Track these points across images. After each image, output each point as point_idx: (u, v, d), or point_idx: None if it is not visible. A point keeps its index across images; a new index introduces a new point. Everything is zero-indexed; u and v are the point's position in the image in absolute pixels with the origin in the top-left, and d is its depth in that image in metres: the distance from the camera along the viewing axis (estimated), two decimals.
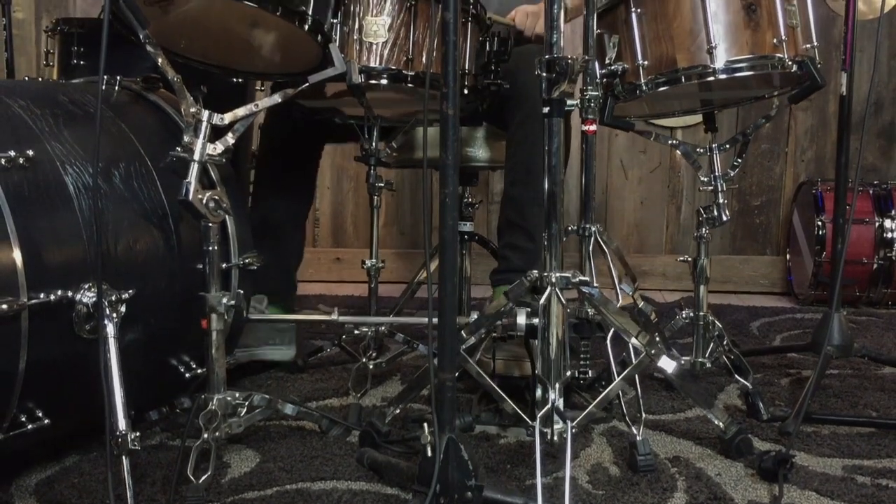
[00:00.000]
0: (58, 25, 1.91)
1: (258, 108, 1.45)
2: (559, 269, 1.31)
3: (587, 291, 1.40)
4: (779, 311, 2.90)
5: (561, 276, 1.31)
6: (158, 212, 1.44)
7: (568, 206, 3.13)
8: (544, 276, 1.31)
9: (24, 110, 1.33)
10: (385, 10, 1.62)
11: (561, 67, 1.25)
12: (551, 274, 1.31)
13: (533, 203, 1.86)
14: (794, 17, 1.63)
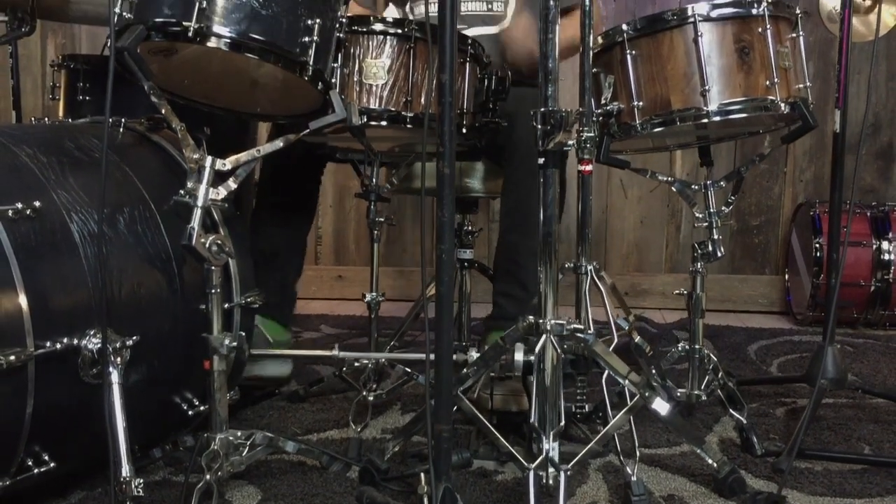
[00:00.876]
0: (64, 61, 1.95)
1: (260, 153, 1.48)
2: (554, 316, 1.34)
3: (582, 337, 1.42)
4: (777, 333, 2.93)
5: (556, 323, 1.33)
6: (162, 255, 1.47)
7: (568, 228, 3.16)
8: (539, 323, 1.34)
9: (31, 159, 1.37)
10: (384, 52, 1.65)
11: (556, 120, 1.27)
12: (546, 321, 1.33)
13: (528, 251, 1.89)
14: (786, 59, 1.66)
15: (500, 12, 2.20)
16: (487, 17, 2.21)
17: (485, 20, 2.21)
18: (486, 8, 2.20)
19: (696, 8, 1.62)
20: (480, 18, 2.21)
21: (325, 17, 1.43)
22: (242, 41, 1.34)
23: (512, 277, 1.99)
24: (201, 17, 1.31)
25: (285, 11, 1.37)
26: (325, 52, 1.44)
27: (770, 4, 1.63)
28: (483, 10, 2.21)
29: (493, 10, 2.20)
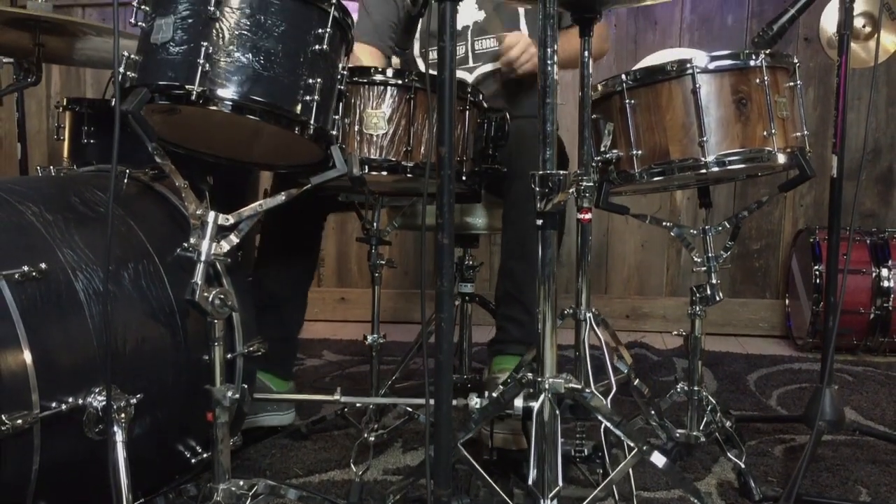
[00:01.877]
0: (69, 104, 1.97)
1: (262, 207, 1.50)
2: (553, 372, 1.36)
3: (581, 396, 1.44)
4: (777, 360, 2.94)
5: (554, 382, 1.35)
6: (165, 309, 1.49)
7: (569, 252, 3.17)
8: (538, 382, 1.36)
9: (37, 217, 1.38)
10: (385, 102, 1.67)
11: (554, 183, 1.29)
12: (545, 379, 1.35)
13: (529, 277, 1.91)
14: (783, 109, 1.67)
15: None
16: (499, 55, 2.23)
17: (496, 57, 2.24)
18: (498, 44, 2.23)
19: (694, 60, 1.63)
20: (493, 55, 2.25)
21: (326, 76, 1.45)
22: (244, 103, 1.35)
23: (515, 302, 2.01)
24: (204, 80, 1.33)
25: (287, 72, 1.39)
26: (326, 109, 1.46)
27: (767, 56, 1.64)
28: (495, 46, 2.24)
29: None
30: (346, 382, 2.65)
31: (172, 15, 1.37)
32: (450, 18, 1.11)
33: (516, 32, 2.13)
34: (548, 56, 1.26)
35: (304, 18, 1.42)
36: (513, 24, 2.25)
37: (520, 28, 2.25)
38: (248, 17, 1.37)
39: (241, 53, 1.36)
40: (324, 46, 1.43)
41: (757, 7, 3.34)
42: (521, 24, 2.26)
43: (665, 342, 3.28)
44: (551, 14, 1.25)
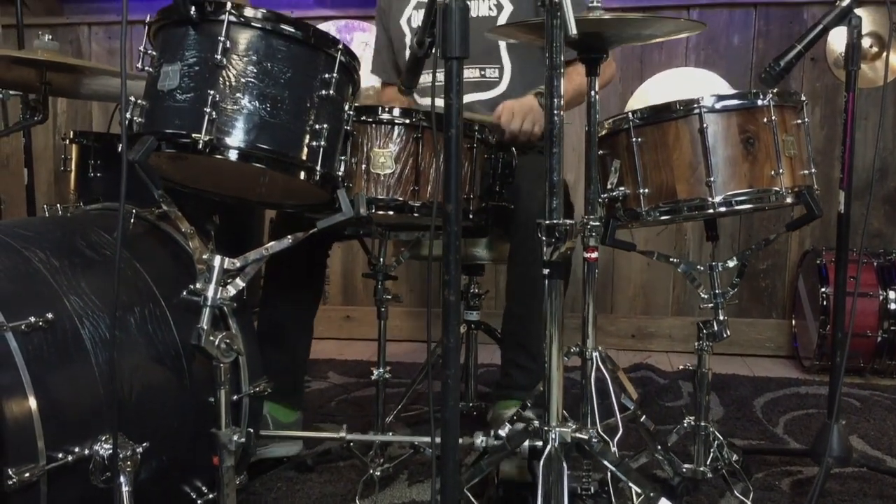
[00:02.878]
0: (76, 137, 1.97)
1: (268, 251, 1.50)
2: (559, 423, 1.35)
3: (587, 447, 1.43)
4: (783, 383, 2.93)
5: (561, 432, 1.34)
6: (171, 352, 1.49)
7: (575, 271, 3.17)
8: (545, 430, 1.35)
9: (44, 264, 1.39)
10: (392, 141, 1.66)
11: (560, 232, 1.28)
12: (552, 428, 1.34)
13: (534, 321, 1.90)
14: (791, 148, 1.67)
15: (495, 79, 2.22)
16: (482, 84, 2.23)
17: (478, 86, 2.23)
18: (480, 75, 2.22)
19: (701, 100, 1.63)
20: (474, 85, 2.23)
21: (332, 120, 1.45)
22: (251, 151, 1.36)
23: (520, 347, 2.01)
24: (211, 129, 1.33)
25: (293, 118, 1.39)
26: (332, 153, 1.47)
27: (775, 95, 1.64)
28: (477, 76, 2.23)
29: (487, 77, 2.21)
30: (351, 408, 2.64)
31: (179, 62, 1.37)
32: (456, 75, 1.11)
33: (506, 105, 2.08)
34: (554, 106, 1.25)
35: (310, 64, 1.42)
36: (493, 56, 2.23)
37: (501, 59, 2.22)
38: (254, 65, 1.37)
39: (248, 101, 1.36)
40: (330, 91, 1.43)
41: (763, 27, 3.33)
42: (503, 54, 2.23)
43: (671, 363, 3.28)
44: (558, 65, 1.24)
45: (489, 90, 2.23)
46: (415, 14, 2.30)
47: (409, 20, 2.31)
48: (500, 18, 2.18)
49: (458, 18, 1.09)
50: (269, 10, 1.40)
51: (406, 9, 2.32)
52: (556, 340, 1.36)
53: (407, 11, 2.32)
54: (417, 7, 2.29)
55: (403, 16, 2.32)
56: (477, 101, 2.22)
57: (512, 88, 2.22)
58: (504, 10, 2.19)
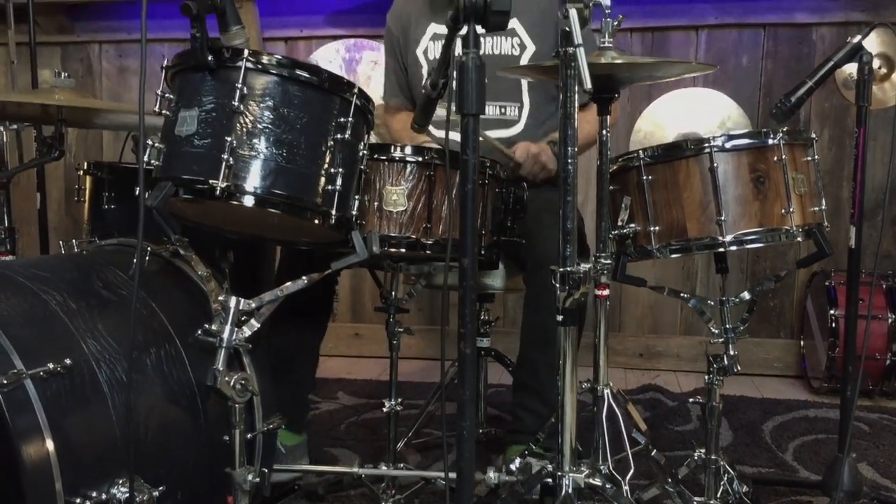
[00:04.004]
0: (90, 169, 1.99)
1: (283, 293, 1.52)
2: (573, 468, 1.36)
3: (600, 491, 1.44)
4: (792, 406, 2.93)
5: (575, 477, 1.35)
6: (187, 392, 1.51)
7: None
8: (558, 475, 1.36)
9: (61, 307, 1.40)
10: (404, 178, 1.68)
11: (574, 281, 1.29)
12: (566, 475, 1.35)
13: (548, 367, 1.91)
14: (801, 185, 1.68)
15: (514, 117, 2.23)
16: (501, 121, 2.24)
17: (498, 124, 2.24)
18: (500, 112, 2.23)
19: (712, 139, 1.64)
20: (494, 122, 2.24)
21: (348, 164, 1.46)
22: (267, 197, 1.37)
23: (532, 392, 2.01)
24: (228, 175, 1.34)
25: (309, 163, 1.41)
26: (347, 196, 1.48)
27: (785, 134, 1.65)
28: (497, 114, 2.24)
29: (507, 115, 2.22)
30: (361, 432, 2.65)
31: (197, 107, 1.39)
32: (472, 131, 1.12)
33: (521, 145, 2.11)
34: (568, 155, 1.26)
35: (326, 109, 1.44)
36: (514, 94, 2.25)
37: (521, 98, 2.24)
38: (271, 111, 1.38)
39: (265, 147, 1.38)
40: (346, 136, 1.44)
41: (772, 48, 3.33)
42: (524, 92, 2.25)
43: (679, 383, 3.28)
44: (571, 114, 1.26)
45: (508, 128, 2.24)
46: (431, 45, 2.31)
47: (425, 51, 2.32)
48: (524, 58, 2.19)
49: (474, 76, 1.10)
50: (285, 56, 1.41)
51: (422, 40, 2.32)
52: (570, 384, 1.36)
53: (423, 42, 2.32)
54: (434, 38, 2.30)
55: (420, 47, 2.33)
56: (495, 139, 2.23)
57: (529, 126, 2.24)
58: (527, 50, 2.20)
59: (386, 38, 2.46)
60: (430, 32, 2.31)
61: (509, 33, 2.22)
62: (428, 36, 2.32)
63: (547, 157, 2.09)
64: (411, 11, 2.36)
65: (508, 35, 2.22)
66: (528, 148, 2.06)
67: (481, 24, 1.11)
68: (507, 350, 2.47)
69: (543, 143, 2.15)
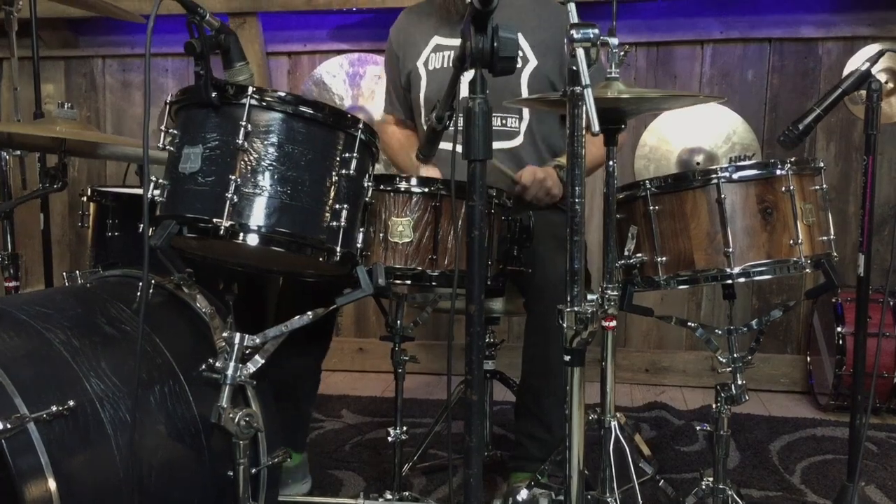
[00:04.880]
0: (94, 196, 1.98)
1: (287, 328, 1.51)
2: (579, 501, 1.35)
3: None
4: (799, 424, 2.91)
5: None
6: (191, 429, 1.50)
7: None
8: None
9: (65, 346, 1.39)
10: (410, 209, 1.66)
11: (582, 321, 1.28)
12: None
13: (550, 394, 1.90)
14: (810, 216, 1.66)
15: (514, 128, 2.21)
16: (502, 133, 2.23)
17: (499, 135, 2.23)
18: (501, 124, 2.22)
19: (719, 170, 1.62)
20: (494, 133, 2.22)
21: (352, 199, 1.45)
22: (271, 235, 1.36)
23: (535, 419, 2.00)
24: (232, 214, 1.33)
25: (313, 200, 1.40)
26: (352, 232, 1.47)
27: (793, 164, 1.63)
28: (498, 125, 2.23)
29: (508, 126, 2.21)
30: (366, 453, 2.64)
31: (201, 144, 1.38)
32: (479, 176, 1.11)
33: (528, 170, 2.10)
34: (577, 194, 1.25)
35: (330, 145, 1.43)
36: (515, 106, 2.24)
37: (521, 110, 2.22)
38: (275, 148, 1.37)
39: (269, 184, 1.37)
40: (351, 171, 1.43)
41: (777, 62, 3.32)
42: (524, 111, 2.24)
43: (685, 400, 3.27)
44: (579, 153, 1.24)
45: (509, 140, 2.23)
46: (433, 56, 2.30)
47: (426, 62, 2.31)
48: (525, 71, 2.18)
49: (481, 122, 1.09)
50: (289, 93, 1.40)
51: (424, 51, 2.31)
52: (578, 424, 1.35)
53: (424, 54, 2.31)
54: (436, 50, 2.29)
55: (420, 58, 2.32)
56: (497, 150, 2.21)
57: (529, 139, 2.22)
58: (529, 64, 2.18)
59: (387, 52, 2.46)
60: (432, 44, 2.31)
61: None
62: (430, 48, 2.31)
63: (552, 182, 2.08)
64: (414, 25, 2.36)
65: None
66: (534, 173, 2.05)
67: (488, 69, 1.10)
68: (512, 364, 2.44)
69: (550, 168, 2.14)
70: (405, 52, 2.36)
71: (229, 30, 1.38)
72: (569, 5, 1.30)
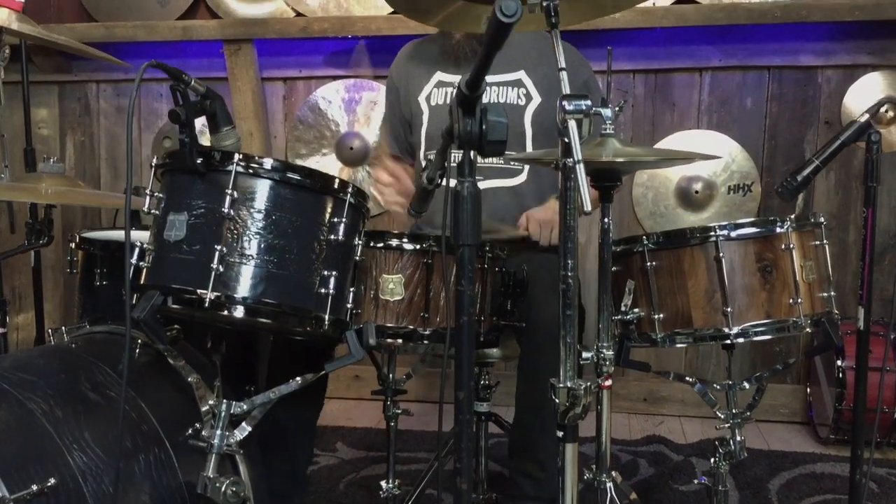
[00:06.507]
0: (82, 243, 1.95)
1: (275, 395, 1.48)
2: None
3: None
4: (799, 460, 2.87)
5: None
6: (177, 499, 1.47)
7: None
8: None
9: (47, 417, 1.36)
10: (401, 266, 1.63)
11: (575, 398, 1.25)
12: None
13: (544, 432, 1.87)
14: (810, 273, 1.63)
15: (518, 166, 2.18)
16: (505, 171, 2.20)
17: (502, 173, 2.20)
18: (504, 162, 2.19)
19: (717, 227, 1.59)
20: (497, 171, 2.20)
21: (342, 265, 1.42)
22: (257, 307, 1.33)
23: (530, 457, 1.97)
24: (217, 285, 1.31)
25: (301, 269, 1.37)
26: (341, 297, 1.44)
27: (793, 221, 1.60)
28: (501, 163, 2.20)
29: (511, 164, 2.18)
30: (360, 492, 2.61)
31: (186, 212, 1.35)
32: (469, 261, 1.08)
33: (531, 217, 2.06)
34: (569, 268, 1.22)
35: (319, 210, 1.40)
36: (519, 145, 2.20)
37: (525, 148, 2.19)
38: (262, 216, 1.35)
39: (255, 252, 1.34)
40: (339, 237, 1.40)
41: (776, 90, 3.29)
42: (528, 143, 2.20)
43: (684, 431, 3.23)
44: (573, 227, 1.21)
45: (512, 177, 2.19)
46: (435, 91, 2.27)
47: (428, 97, 2.28)
48: (529, 108, 2.15)
49: (470, 206, 1.05)
50: (276, 159, 1.37)
51: (426, 87, 2.28)
52: (571, 499, 1.32)
53: (427, 89, 2.28)
54: (439, 86, 2.26)
55: (423, 93, 2.29)
56: (500, 188, 2.18)
57: (533, 176, 2.19)
58: (533, 101, 2.16)
59: (387, 87, 2.43)
60: (434, 80, 2.28)
61: (516, 83, 2.19)
62: (432, 83, 2.28)
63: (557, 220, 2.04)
64: (417, 59, 2.33)
65: (515, 85, 2.19)
66: (537, 220, 2.02)
67: (477, 151, 1.07)
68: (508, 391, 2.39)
69: (550, 204, 2.10)
70: (407, 86, 2.33)
71: (215, 94, 1.35)
72: (553, 33, 1.25)
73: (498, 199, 2.13)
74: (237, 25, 3.36)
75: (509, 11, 0.87)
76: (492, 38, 0.94)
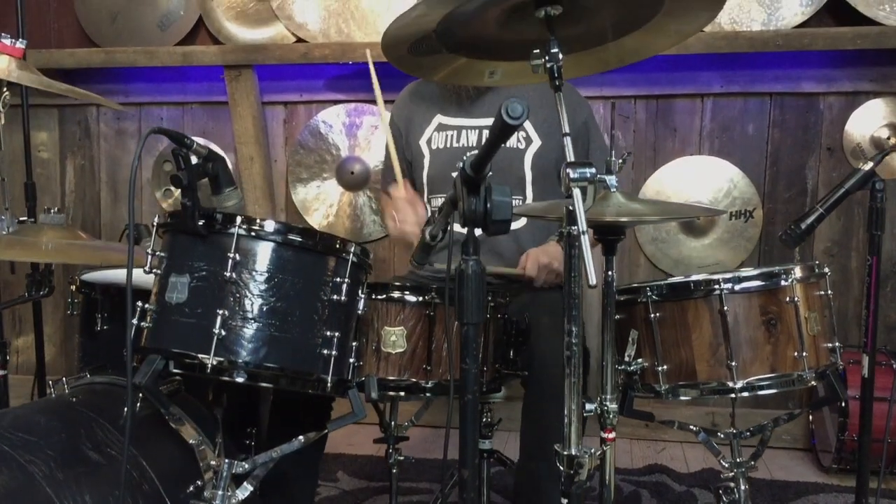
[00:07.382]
0: (83, 287, 1.94)
1: (278, 454, 1.46)
2: None
3: None
4: (802, 490, 2.86)
5: None
6: None
7: None
8: None
9: (47, 480, 1.35)
10: (403, 318, 1.63)
11: (579, 464, 1.24)
12: None
13: (548, 478, 1.86)
14: (815, 325, 1.62)
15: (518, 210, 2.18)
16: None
17: None
18: None
19: (721, 280, 1.58)
20: None
21: (344, 325, 1.41)
22: (258, 371, 1.32)
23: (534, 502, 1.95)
24: (219, 350, 1.30)
25: (303, 332, 1.36)
26: (344, 357, 1.43)
27: (797, 274, 1.59)
28: None
29: None
30: None
31: (188, 274, 1.34)
32: (473, 339, 1.07)
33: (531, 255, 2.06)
34: (573, 335, 1.21)
35: (321, 271, 1.39)
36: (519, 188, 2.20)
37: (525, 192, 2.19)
38: (265, 278, 1.34)
39: (257, 315, 1.33)
40: (342, 297, 1.39)
41: (778, 116, 3.28)
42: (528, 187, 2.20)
43: (687, 459, 3.22)
44: (577, 294, 1.21)
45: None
46: (435, 135, 2.26)
47: (429, 141, 2.28)
48: (528, 151, 2.15)
49: (474, 284, 1.05)
50: (279, 222, 1.36)
51: (427, 130, 2.28)
52: None
53: (427, 132, 2.28)
54: (439, 129, 2.26)
55: (423, 137, 2.29)
56: (501, 268, 2.17)
57: (533, 221, 2.18)
58: (533, 144, 2.15)
59: (391, 124, 2.43)
60: (435, 122, 2.27)
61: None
62: (433, 126, 2.27)
63: (558, 263, 2.04)
64: (417, 102, 2.33)
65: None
66: (537, 259, 2.01)
67: (482, 229, 1.06)
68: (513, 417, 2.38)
69: (550, 245, 2.10)
70: (408, 128, 2.33)
71: (216, 156, 1.34)
72: (557, 97, 1.26)
73: (498, 241, 2.12)
74: (238, 52, 3.35)
75: (515, 114, 0.87)
76: (497, 135, 0.93)
